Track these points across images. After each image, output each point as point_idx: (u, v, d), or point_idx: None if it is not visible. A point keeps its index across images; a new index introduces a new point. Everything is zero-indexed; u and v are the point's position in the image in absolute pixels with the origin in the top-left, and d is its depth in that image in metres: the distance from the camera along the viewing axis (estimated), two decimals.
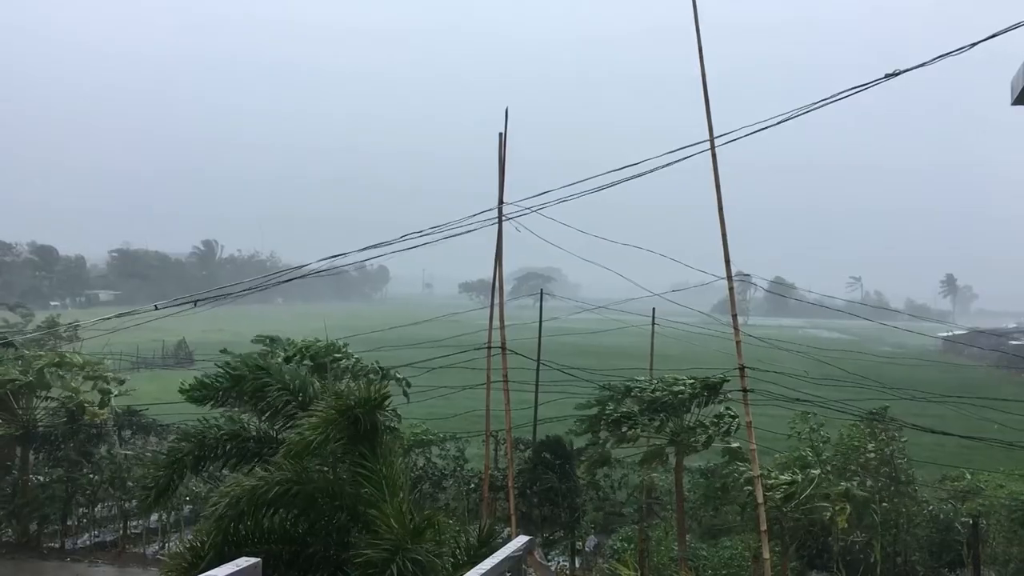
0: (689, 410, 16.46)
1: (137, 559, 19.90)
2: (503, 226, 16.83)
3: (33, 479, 21.34)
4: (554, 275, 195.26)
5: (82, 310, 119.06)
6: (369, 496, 7.14)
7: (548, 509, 19.43)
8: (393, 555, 6.58)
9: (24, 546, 20.44)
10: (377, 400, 7.40)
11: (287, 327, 25.79)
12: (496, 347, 17.32)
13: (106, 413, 22.07)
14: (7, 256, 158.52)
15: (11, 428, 20.68)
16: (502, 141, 17.50)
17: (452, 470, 21.27)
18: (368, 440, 7.35)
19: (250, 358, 10.48)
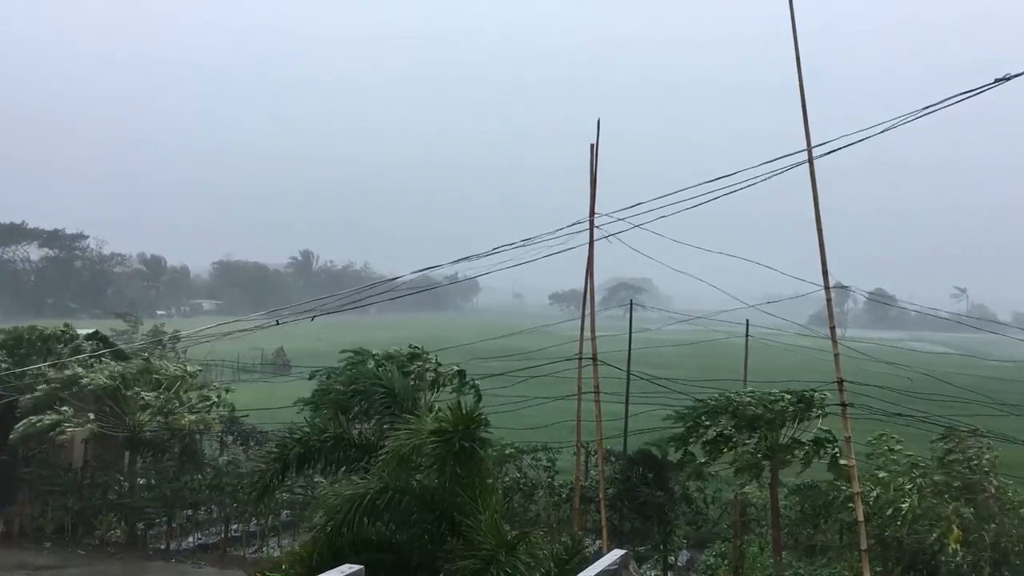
0: (786, 425, 16.04)
1: (238, 561, 20.46)
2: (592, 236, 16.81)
3: (139, 482, 22.20)
4: (645, 286, 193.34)
5: (186, 318, 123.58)
6: (464, 506, 7.21)
7: (640, 522, 19.20)
8: (487, 565, 6.62)
9: (131, 546, 21.26)
10: (474, 421, 7.47)
11: (380, 337, 26.26)
12: (587, 358, 17.27)
13: (201, 420, 22.79)
14: (119, 266, 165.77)
15: (118, 432, 21.53)
16: (593, 152, 17.45)
17: (543, 481, 21.23)
18: (463, 453, 7.42)
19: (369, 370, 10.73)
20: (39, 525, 21.76)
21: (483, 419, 7.77)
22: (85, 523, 21.78)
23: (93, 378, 20.80)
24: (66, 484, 21.84)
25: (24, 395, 20.97)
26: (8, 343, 22.71)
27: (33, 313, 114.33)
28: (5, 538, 21.45)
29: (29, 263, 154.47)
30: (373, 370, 10.38)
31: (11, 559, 20.07)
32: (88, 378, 20.82)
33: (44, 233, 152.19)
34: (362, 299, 17.21)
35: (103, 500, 21.80)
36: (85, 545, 21.25)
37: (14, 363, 21.76)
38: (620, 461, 21.74)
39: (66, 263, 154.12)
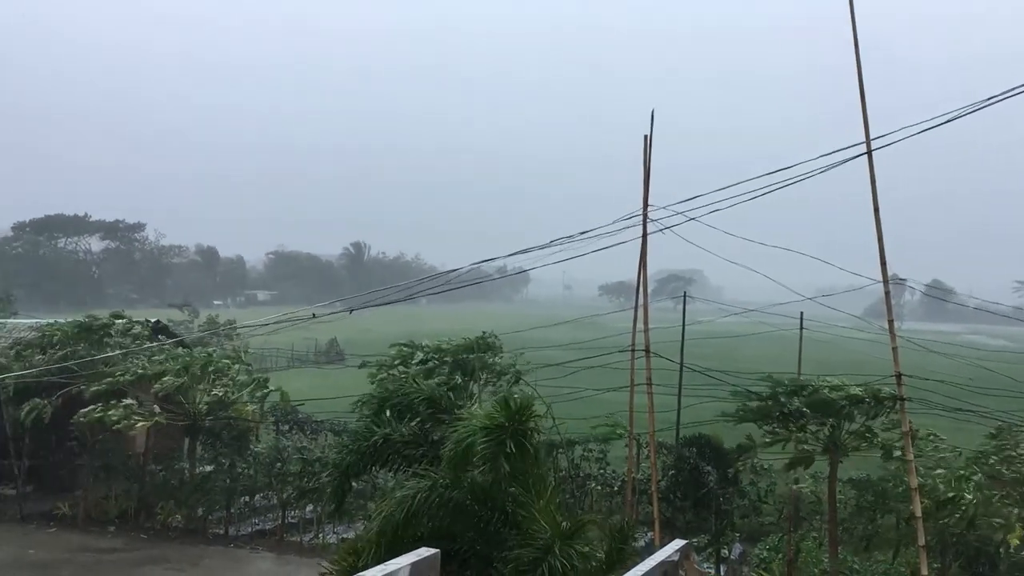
0: (852, 418, 15.84)
1: (294, 547, 20.86)
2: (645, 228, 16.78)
3: (199, 469, 22.73)
4: (696, 277, 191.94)
5: (241, 309, 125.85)
6: (519, 497, 7.30)
7: (692, 514, 19.16)
8: (544, 555, 6.70)
9: (191, 531, 21.77)
10: (526, 414, 7.54)
11: (430, 327, 26.53)
12: (640, 350, 17.26)
13: (257, 409, 23.26)
14: (175, 258, 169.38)
15: (178, 420, 22.04)
16: (647, 144, 17.39)
17: (595, 472, 21.29)
18: (517, 445, 7.50)
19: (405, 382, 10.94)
20: (103, 509, 22.39)
21: (534, 412, 7.85)
22: (147, 508, 22.38)
23: (161, 375, 21.29)
24: (129, 470, 22.44)
25: (91, 384, 21.56)
26: (76, 333, 23.36)
27: (96, 303, 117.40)
28: (71, 522, 22.11)
29: (91, 254, 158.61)
30: (411, 381, 10.60)
31: (77, 542, 20.72)
32: (153, 373, 21.34)
33: (105, 225, 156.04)
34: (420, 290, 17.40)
35: (164, 486, 22.37)
36: (147, 529, 21.83)
37: (83, 352, 22.38)
38: (672, 454, 21.71)
39: (126, 254, 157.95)
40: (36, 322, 27.01)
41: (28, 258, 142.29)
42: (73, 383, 21.86)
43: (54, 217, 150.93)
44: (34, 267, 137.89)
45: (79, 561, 19.35)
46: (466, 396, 10.27)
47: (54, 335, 23.10)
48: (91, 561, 19.45)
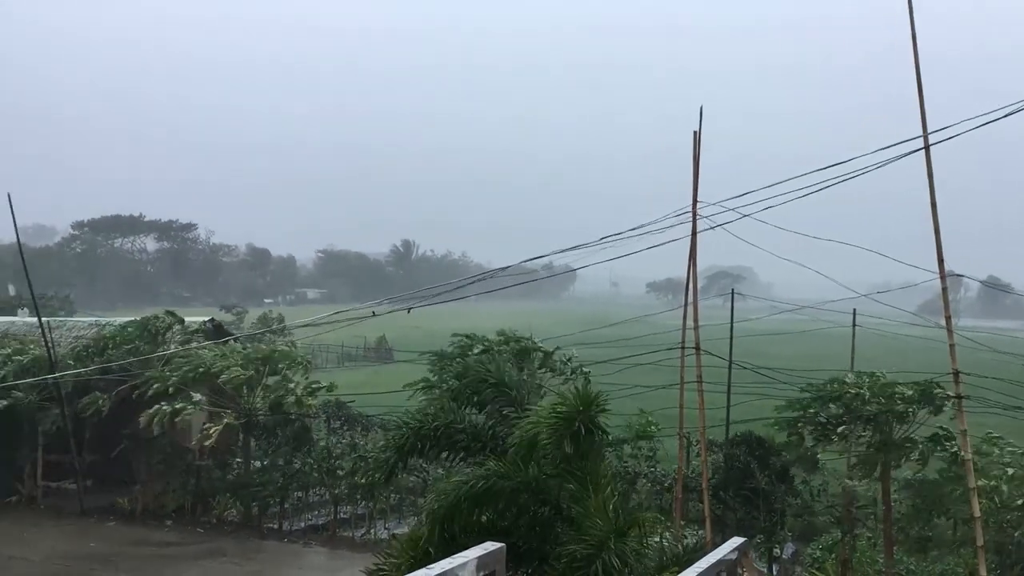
0: (904, 419, 15.57)
1: (347, 543, 21.12)
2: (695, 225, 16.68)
3: (254, 464, 23.12)
4: (745, 274, 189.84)
5: (291, 307, 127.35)
6: (574, 492, 7.33)
7: (743, 512, 18.99)
8: (598, 551, 6.73)
9: (246, 526, 22.15)
10: (596, 405, 7.55)
11: (477, 325, 26.57)
12: (690, 347, 17.18)
13: (314, 404, 23.58)
14: (227, 257, 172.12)
15: (235, 416, 22.42)
16: (695, 139, 17.29)
17: (644, 470, 21.21)
18: (576, 439, 7.53)
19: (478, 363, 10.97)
20: (161, 504, 22.89)
21: (603, 404, 7.85)
22: (203, 502, 22.82)
23: (227, 369, 21.67)
24: (185, 465, 22.89)
25: (150, 382, 22.02)
26: (135, 331, 23.90)
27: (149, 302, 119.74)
28: (130, 516, 22.64)
29: (146, 254, 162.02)
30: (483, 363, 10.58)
31: (135, 535, 21.22)
32: (221, 367, 21.74)
33: (159, 225, 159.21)
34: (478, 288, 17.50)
35: (220, 481, 22.79)
36: (203, 524, 22.26)
37: (142, 350, 22.90)
38: (721, 452, 21.54)
39: (179, 253, 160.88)
40: (94, 320, 27.68)
41: (86, 257, 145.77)
42: (132, 380, 22.36)
43: (110, 218, 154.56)
44: (91, 266, 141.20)
45: (138, 554, 19.82)
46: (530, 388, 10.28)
47: (114, 334, 23.67)
48: (149, 554, 19.91)
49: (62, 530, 21.49)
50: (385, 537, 20.95)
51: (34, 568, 18.61)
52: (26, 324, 28.47)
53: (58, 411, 22.78)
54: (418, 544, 7.87)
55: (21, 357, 23.27)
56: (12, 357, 23.31)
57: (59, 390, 22.52)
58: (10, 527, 21.53)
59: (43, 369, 22.50)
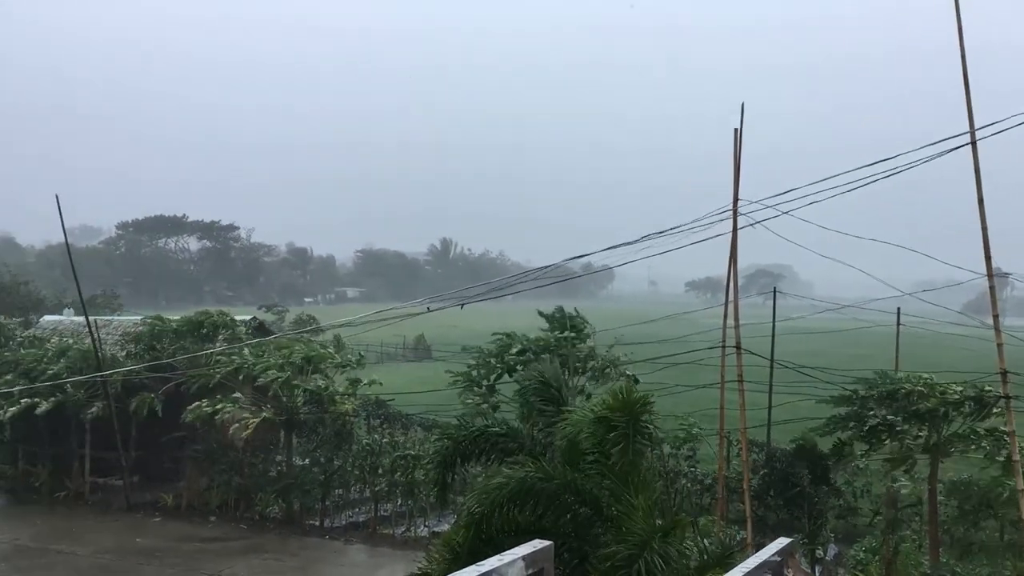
0: (952, 419, 15.31)
1: (387, 540, 21.27)
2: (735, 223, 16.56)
3: (295, 462, 23.37)
4: (785, 272, 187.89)
5: (331, 306, 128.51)
6: (614, 492, 7.31)
7: (786, 513, 18.81)
8: (640, 551, 6.70)
9: (288, 522, 22.40)
10: (641, 406, 7.53)
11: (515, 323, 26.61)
12: (730, 346, 17.05)
13: (353, 403, 23.78)
14: (268, 256, 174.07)
15: (276, 414, 22.70)
16: (736, 137, 17.17)
17: (685, 470, 21.10)
18: (619, 441, 7.51)
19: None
20: (205, 500, 23.22)
21: (649, 405, 7.82)
22: (246, 499, 23.11)
23: (265, 368, 21.96)
24: (229, 462, 23.20)
25: (194, 380, 22.38)
26: (181, 329, 24.29)
27: (193, 301, 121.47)
28: (174, 511, 23.00)
29: (189, 253, 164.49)
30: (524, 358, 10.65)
31: (180, 531, 21.56)
32: (260, 368, 22.03)
33: (202, 225, 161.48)
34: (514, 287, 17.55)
35: (263, 478, 23.07)
36: (246, 520, 22.56)
37: (188, 347, 23.26)
38: (762, 451, 21.35)
39: (221, 253, 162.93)
40: (141, 319, 28.13)
41: (131, 257, 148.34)
42: (177, 378, 22.74)
43: (153, 218, 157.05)
44: (136, 266, 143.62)
45: (183, 549, 20.13)
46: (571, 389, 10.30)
47: (162, 332, 24.08)
48: (194, 550, 20.22)
49: (109, 525, 21.89)
50: (425, 535, 21.09)
51: (82, 562, 18.99)
52: (73, 323, 29.04)
53: (105, 407, 23.18)
54: (457, 544, 7.90)
55: (71, 354, 23.72)
56: (62, 355, 23.77)
57: (106, 387, 22.93)
58: (59, 522, 21.99)
59: (91, 367, 22.94)
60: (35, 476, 24.64)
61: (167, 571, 18.58)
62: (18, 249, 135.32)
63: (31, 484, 24.54)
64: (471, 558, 6.89)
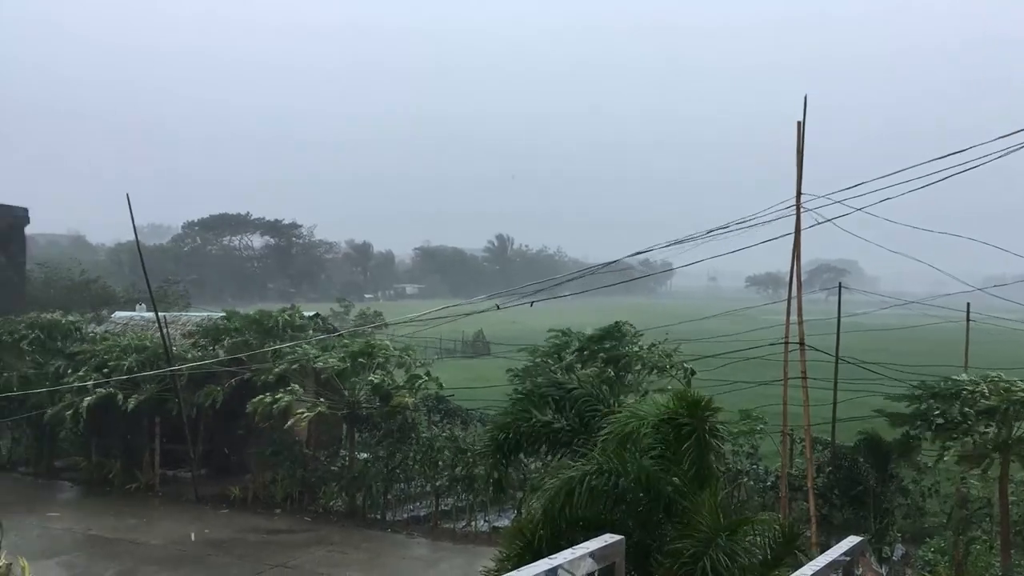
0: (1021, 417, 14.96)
1: (448, 534, 21.47)
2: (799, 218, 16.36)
3: (358, 455, 23.71)
4: (849, 268, 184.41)
5: (391, 302, 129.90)
6: (680, 487, 7.31)
7: (851, 512, 18.52)
8: (706, 547, 6.70)
9: (351, 515, 22.74)
10: (706, 408, 7.53)
11: (573, 320, 26.62)
12: (794, 342, 16.85)
13: (415, 398, 24.03)
14: (329, 254, 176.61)
15: (336, 408, 23.05)
16: (799, 130, 16.95)
17: (746, 467, 20.91)
18: (682, 439, 7.51)
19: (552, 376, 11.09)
20: (270, 493, 23.69)
21: (713, 406, 7.81)
22: (310, 492, 23.52)
23: (325, 359, 22.35)
24: (293, 456, 23.64)
25: (259, 374, 22.87)
26: (246, 325, 24.83)
27: (257, 297, 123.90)
28: (241, 504, 23.50)
29: (252, 250, 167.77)
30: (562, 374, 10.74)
31: (247, 523, 22.03)
32: (321, 360, 22.42)
33: (265, 223, 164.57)
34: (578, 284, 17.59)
35: (326, 472, 23.45)
36: (310, 512, 22.95)
37: (253, 344, 23.77)
38: (826, 449, 21.03)
39: (284, 250, 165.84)
40: (208, 315, 28.84)
41: (197, 255, 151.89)
42: (243, 372, 23.24)
43: (219, 216, 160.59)
44: (202, 263, 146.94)
45: (250, 541, 20.59)
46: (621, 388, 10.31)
47: (229, 328, 24.65)
48: (260, 541, 20.66)
49: (179, 516, 22.46)
50: (485, 530, 21.25)
51: (154, 552, 19.54)
52: (143, 319, 29.86)
53: (174, 402, 23.79)
54: (524, 537, 7.97)
55: (143, 348, 24.38)
56: (135, 349, 24.45)
57: (175, 381, 23.53)
58: (131, 513, 22.63)
59: (161, 361, 23.57)
60: (108, 468, 25.39)
61: (235, 562, 19.02)
62: (89, 247, 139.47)
63: (104, 476, 25.29)
64: (539, 552, 6.96)
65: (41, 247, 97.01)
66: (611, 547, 3.62)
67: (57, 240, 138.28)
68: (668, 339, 20.79)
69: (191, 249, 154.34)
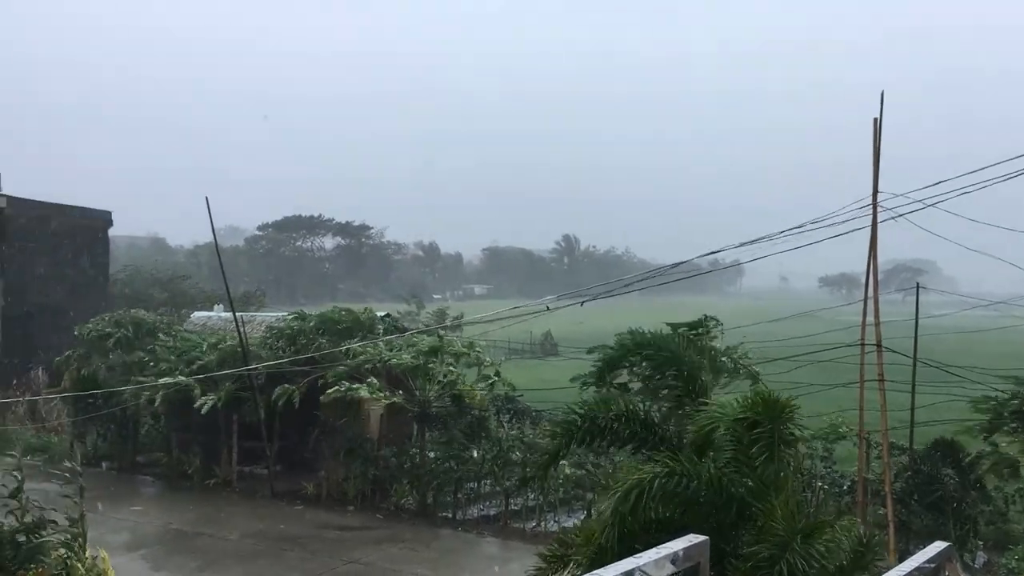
0: None
1: (518, 534, 21.55)
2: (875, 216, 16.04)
3: (428, 454, 23.96)
4: (927, 268, 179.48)
5: (459, 302, 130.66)
6: (754, 490, 7.25)
7: (931, 518, 18.07)
8: (782, 551, 6.64)
9: (421, 514, 22.98)
10: (785, 410, 7.46)
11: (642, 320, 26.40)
12: (870, 344, 16.53)
13: (485, 397, 24.19)
14: (398, 255, 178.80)
15: (408, 404, 23.33)
16: (876, 127, 16.61)
17: (821, 471, 20.56)
18: (758, 440, 7.45)
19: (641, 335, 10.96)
20: (343, 490, 24.07)
21: (794, 409, 7.73)
22: (382, 489, 23.83)
23: (398, 356, 22.66)
24: (365, 454, 24.00)
25: (332, 371, 23.28)
26: (322, 324, 25.31)
27: (328, 297, 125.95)
28: (315, 500, 23.94)
29: (324, 251, 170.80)
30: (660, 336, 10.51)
31: (320, 519, 22.46)
32: (395, 358, 22.74)
33: (337, 225, 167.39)
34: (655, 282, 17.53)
35: (398, 470, 23.75)
36: (382, 510, 23.26)
37: (329, 343, 24.22)
38: (904, 454, 20.56)
39: (355, 251, 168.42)
40: (282, 315, 29.43)
41: (271, 256, 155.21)
42: (317, 371, 23.69)
43: (292, 218, 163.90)
44: (276, 264, 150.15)
45: (324, 537, 20.98)
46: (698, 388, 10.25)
47: (303, 326, 25.19)
48: (335, 537, 21.04)
49: (255, 512, 22.99)
50: (555, 530, 21.26)
51: (231, 546, 20.06)
52: (221, 319, 30.64)
53: (250, 399, 24.36)
54: (594, 538, 7.99)
55: (222, 347, 25.03)
56: (212, 348, 25.13)
57: (252, 380, 24.09)
58: (210, 508, 23.25)
59: (238, 360, 24.16)
60: (187, 463, 26.12)
61: (310, 557, 19.42)
62: (168, 249, 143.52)
63: (184, 471, 26.03)
64: (611, 552, 6.98)
65: (122, 249, 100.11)
66: (696, 547, 3.64)
67: (137, 242, 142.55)
68: (744, 342, 20.53)
69: (265, 250, 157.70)
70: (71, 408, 28.89)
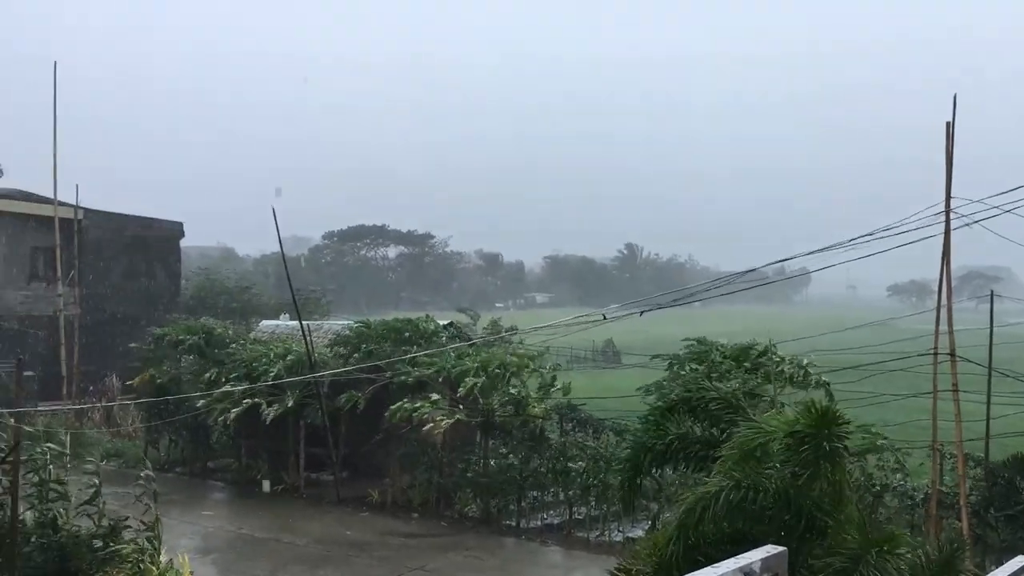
0: None
1: (582, 543, 21.48)
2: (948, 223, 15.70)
3: (492, 463, 24.02)
4: (1002, 275, 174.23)
5: (521, 311, 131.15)
6: (822, 503, 7.14)
7: (1009, 532, 17.51)
8: (855, 565, 6.53)
9: (485, 522, 23.04)
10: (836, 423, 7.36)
11: (706, 328, 26.17)
12: (944, 353, 16.16)
13: (546, 406, 24.18)
14: (460, 264, 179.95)
15: (471, 416, 23.43)
16: (949, 131, 16.28)
17: (891, 483, 20.08)
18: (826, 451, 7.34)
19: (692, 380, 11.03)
20: (408, 497, 24.28)
21: (845, 421, 7.62)
22: (446, 497, 23.97)
23: (463, 374, 22.78)
24: (429, 461, 24.18)
25: (396, 378, 23.56)
26: (386, 332, 25.63)
27: (391, 306, 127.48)
28: (380, 507, 24.18)
29: (387, 260, 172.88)
30: (702, 379, 10.61)
31: (386, 526, 22.69)
32: (457, 370, 22.90)
33: (401, 234, 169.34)
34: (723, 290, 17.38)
35: (461, 478, 23.87)
36: (446, 518, 23.39)
37: (389, 351, 24.50)
38: (979, 466, 19.96)
39: (417, 260, 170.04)
40: (347, 323, 29.86)
41: (336, 264, 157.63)
42: (381, 379, 23.96)
43: (356, 227, 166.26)
44: (340, 273, 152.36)
45: (389, 543, 21.20)
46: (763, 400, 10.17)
47: (368, 335, 25.54)
48: (399, 544, 21.24)
49: (321, 518, 23.33)
50: (619, 540, 21.15)
51: (300, 551, 20.38)
52: (288, 327, 31.21)
53: (316, 407, 24.74)
54: (661, 550, 7.95)
55: (290, 356, 25.47)
56: (280, 357, 25.59)
57: (318, 387, 24.47)
58: (278, 514, 23.65)
59: (305, 368, 24.55)
60: (256, 469, 26.61)
61: (376, 563, 19.63)
62: (237, 259, 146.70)
63: (252, 477, 26.51)
64: (677, 566, 6.95)
65: (193, 259, 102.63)
66: (774, 558, 3.63)
67: (207, 252, 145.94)
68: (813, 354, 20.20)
69: (330, 260, 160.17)
70: (144, 414, 29.71)
